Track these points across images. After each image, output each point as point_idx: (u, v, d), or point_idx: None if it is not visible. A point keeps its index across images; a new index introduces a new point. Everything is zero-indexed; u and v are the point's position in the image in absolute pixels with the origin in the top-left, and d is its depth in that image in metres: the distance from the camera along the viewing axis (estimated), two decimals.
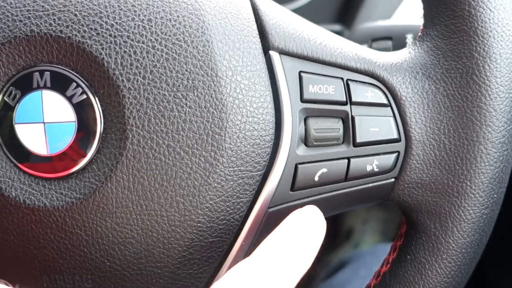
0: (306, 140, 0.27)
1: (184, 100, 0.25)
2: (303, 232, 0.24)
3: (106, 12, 0.25)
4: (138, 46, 0.25)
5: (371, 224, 0.81)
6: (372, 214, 0.81)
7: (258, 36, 0.27)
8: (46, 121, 0.25)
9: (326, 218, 0.30)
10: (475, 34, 0.27)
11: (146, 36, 0.25)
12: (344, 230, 0.82)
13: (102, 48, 0.25)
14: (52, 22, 0.25)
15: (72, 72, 0.25)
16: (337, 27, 0.57)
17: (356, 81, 0.28)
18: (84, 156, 0.26)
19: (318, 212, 0.26)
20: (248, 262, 0.23)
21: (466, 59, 0.27)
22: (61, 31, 0.25)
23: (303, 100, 0.27)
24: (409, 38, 0.42)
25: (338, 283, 0.58)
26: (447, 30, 0.28)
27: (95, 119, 0.25)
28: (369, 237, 0.80)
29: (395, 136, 0.28)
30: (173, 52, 0.25)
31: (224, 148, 0.26)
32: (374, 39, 0.43)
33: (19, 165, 0.26)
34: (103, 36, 0.25)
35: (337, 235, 0.81)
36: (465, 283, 0.30)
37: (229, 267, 0.28)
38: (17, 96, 0.25)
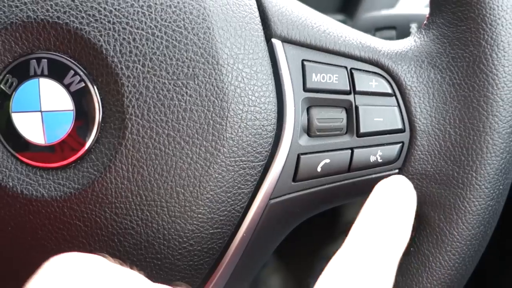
0: (308, 130, 0.27)
1: (184, 89, 0.25)
2: (397, 209, 0.23)
3: None
4: (138, 33, 0.25)
5: None
6: None
7: (260, 24, 0.27)
8: (43, 109, 0.25)
9: (324, 211, 0.30)
10: (483, 22, 0.26)
11: (145, 22, 0.25)
12: (342, 223, 0.81)
13: (101, 35, 0.24)
14: (49, 8, 0.25)
15: (70, 59, 0.25)
16: (339, 17, 0.57)
17: (360, 70, 0.27)
18: (82, 145, 0.25)
19: (405, 181, 0.25)
20: (348, 250, 0.22)
21: (473, 47, 0.27)
22: (58, 17, 0.25)
23: (306, 89, 0.27)
24: (414, 27, 0.41)
25: None
26: (454, 18, 0.27)
27: (93, 108, 0.25)
28: None
29: (400, 126, 0.27)
30: (173, 39, 0.25)
31: (225, 138, 0.25)
32: (377, 29, 0.43)
33: (16, 155, 0.25)
34: (101, 22, 0.25)
35: (335, 228, 0.81)
36: (469, 276, 0.29)
37: (230, 259, 0.27)
38: (14, 84, 0.25)
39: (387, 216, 0.23)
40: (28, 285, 0.19)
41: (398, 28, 0.42)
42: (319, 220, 0.35)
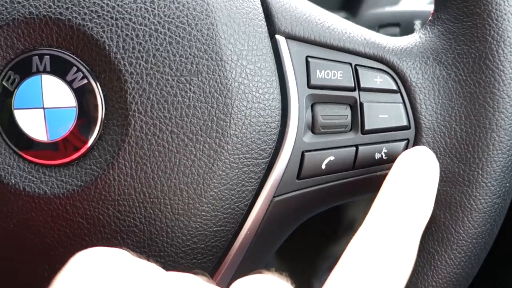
0: (313, 127, 0.27)
1: (188, 85, 0.25)
2: (419, 181, 0.23)
3: None
4: (141, 29, 0.24)
5: None
6: None
7: (264, 20, 0.26)
8: (46, 106, 0.25)
9: (327, 209, 0.30)
10: (489, 17, 0.26)
11: (148, 18, 0.25)
12: (346, 221, 0.81)
13: (103, 31, 0.24)
14: (52, 4, 0.24)
15: (73, 56, 0.25)
16: (342, 14, 0.56)
17: (364, 66, 0.27)
18: (85, 142, 0.25)
19: (427, 151, 0.25)
20: (371, 224, 0.22)
21: (479, 43, 0.26)
22: (60, 13, 0.24)
23: (310, 86, 0.27)
24: (417, 24, 0.41)
25: None
26: (459, 13, 0.27)
27: (96, 105, 0.25)
28: None
29: (405, 123, 0.27)
30: (176, 36, 0.25)
31: (229, 135, 0.25)
32: (381, 26, 0.42)
33: (19, 152, 0.25)
34: (104, 18, 0.24)
35: (338, 227, 0.81)
36: (475, 274, 0.29)
37: (234, 257, 0.27)
38: (16, 80, 0.25)
39: (409, 189, 0.23)
40: (56, 280, 0.20)
41: (401, 25, 0.42)
42: (322, 218, 0.35)
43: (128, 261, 0.20)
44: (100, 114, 0.25)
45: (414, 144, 0.27)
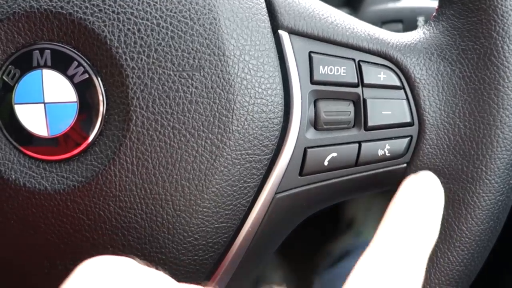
0: (315, 123, 0.27)
1: (190, 80, 0.24)
2: (425, 206, 0.24)
3: None
4: (142, 23, 0.24)
5: (374, 212, 0.80)
6: (375, 203, 0.81)
7: (266, 15, 0.26)
8: (46, 101, 0.24)
9: (326, 207, 0.29)
10: (494, 13, 0.26)
11: (150, 13, 0.24)
12: (346, 219, 0.81)
13: (105, 25, 0.24)
14: None
15: (74, 50, 0.24)
16: (345, 10, 0.56)
17: (368, 62, 0.27)
18: (86, 138, 0.25)
19: (433, 177, 0.25)
20: (378, 247, 0.22)
21: (484, 39, 0.26)
22: (61, 7, 0.24)
23: (313, 82, 0.26)
24: (421, 20, 0.40)
25: (341, 273, 0.58)
26: (464, 9, 0.27)
27: (97, 100, 0.24)
28: (372, 226, 0.79)
29: (408, 119, 0.27)
30: (178, 30, 0.24)
31: (231, 131, 0.25)
32: (384, 22, 0.42)
33: (19, 147, 0.25)
34: (105, 12, 0.24)
35: (339, 224, 0.81)
36: (478, 272, 0.29)
37: (235, 254, 0.27)
38: (17, 75, 0.24)
39: (416, 213, 0.23)
40: None
41: (405, 21, 0.41)
42: (323, 215, 0.35)
43: (136, 270, 0.20)
44: (101, 109, 0.25)
45: (418, 141, 0.27)
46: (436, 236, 0.24)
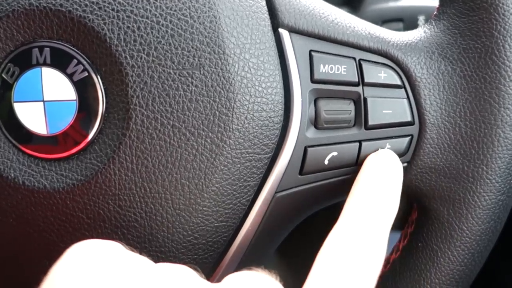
0: (316, 122, 0.26)
1: (190, 79, 0.24)
2: (384, 182, 0.25)
3: None
4: (142, 21, 0.24)
5: None
6: None
7: (267, 13, 0.26)
8: (46, 99, 0.24)
9: (328, 206, 0.29)
10: (496, 12, 0.26)
11: (150, 11, 0.24)
12: None
13: (104, 23, 0.24)
14: None
15: (73, 48, 0.24)
16: (345, 9, 0.56)
17: (369, 61, 0.27)
18: (85, 136, 0.25)
19: (391, 154, 0.26)
20: (342, 225, 0.24)
21: (485, 38, 0.26)
22: (61, 5, 0.24)
23: (313, 81, 0.26)
24: (421, 19, 0.40)
25: None
26: (465, 8, 0.27)
27: (97, 98, 0.24)
28: None
29: (409, 119, 0.27)
30: (178, 28, 0.24)
31: (231, 129, 0.25)
32: (384, 21, 0.42)
33: (18, 145, 0.25)
34: (105, 10, 0.24)
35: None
36: (478, 271, 0.29)
37: (235, 253, 0.27)
38: (16, 73, 0.24)
39: (376, 189, 0.25)
40: (52, 271, 0.20)
41: (405, 21, 0.41)
42: (322, 215, 0.35)
43: (121, 253, 0.21)
44: (101, 107, 0.24)
45: (418, 140, 0.27)
46: (396, 209, 0.25)
